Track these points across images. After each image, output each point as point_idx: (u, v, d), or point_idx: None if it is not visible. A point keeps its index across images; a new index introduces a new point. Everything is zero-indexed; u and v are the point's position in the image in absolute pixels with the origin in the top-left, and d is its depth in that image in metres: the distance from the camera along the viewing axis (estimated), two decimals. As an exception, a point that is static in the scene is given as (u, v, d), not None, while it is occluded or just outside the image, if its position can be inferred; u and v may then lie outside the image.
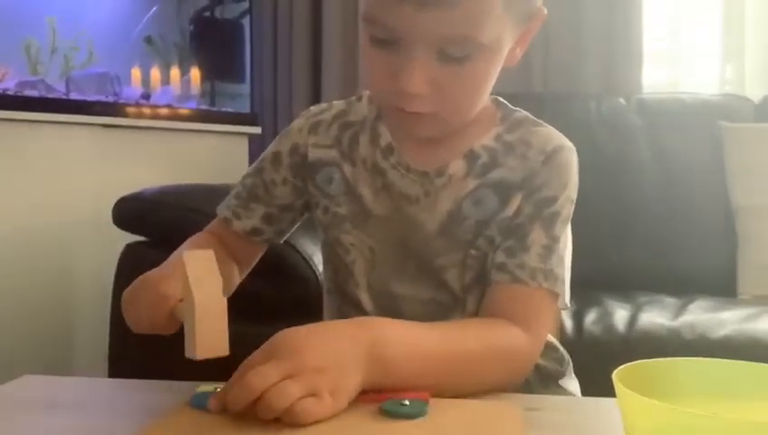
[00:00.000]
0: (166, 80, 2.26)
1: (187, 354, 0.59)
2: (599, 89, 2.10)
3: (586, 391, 0.88)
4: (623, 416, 0.52)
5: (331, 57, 2.31)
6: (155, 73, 2.24)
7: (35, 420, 0.62)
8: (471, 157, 0.78)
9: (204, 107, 2.31)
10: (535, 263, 0.74)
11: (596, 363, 0.98)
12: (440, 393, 0.63)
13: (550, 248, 0.75)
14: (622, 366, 0.56)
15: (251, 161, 2.29)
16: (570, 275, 0.83)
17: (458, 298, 0.79)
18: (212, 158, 2.18)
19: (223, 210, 0.86)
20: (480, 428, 0.57)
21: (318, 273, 1.35)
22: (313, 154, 0.83)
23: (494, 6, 0.66)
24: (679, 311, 1.37)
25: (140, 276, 0.69)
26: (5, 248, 1.76)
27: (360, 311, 0.81)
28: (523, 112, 0.82)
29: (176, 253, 0.81)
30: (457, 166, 0.78)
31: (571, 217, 0.78)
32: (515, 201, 0.76)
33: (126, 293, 0.69)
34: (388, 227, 0.79)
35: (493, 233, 0.77)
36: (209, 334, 0.57)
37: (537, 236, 0.75)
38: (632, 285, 1.65)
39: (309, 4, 2.34)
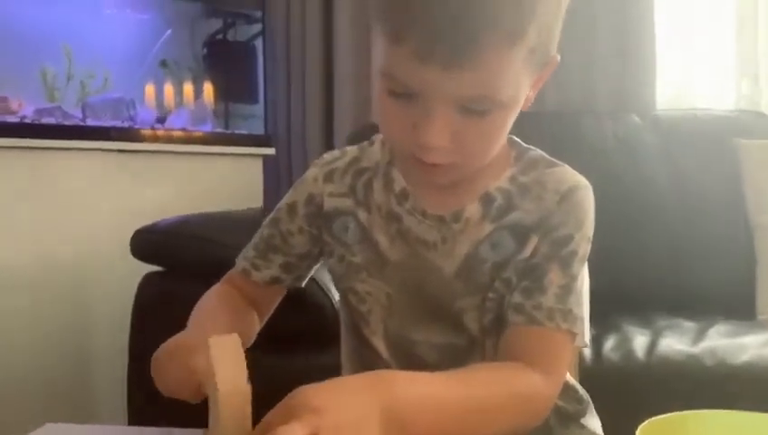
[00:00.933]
0: (180, 102, 2.28)
1: None
2: (612, 106, 2.10)
3: (606, 418, 0.87)
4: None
5: (343, 78, 2.32)
6: (169, 96, 2.26)
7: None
8: (486, 200, 0.78)
9: (218, 129, 2.33)
10: (552, 303, 0.74)
11: (616, 390, 0.99)
12: None
13: (567, 288, 0.75)
14: (646, 422, 0.55)
15: (266, 182, 2.32)
16: (588, 312, 0.83)
17: (476, 341, 0.79)
18: (227, 180, 2.20)
19: (241, 262, 0.87)
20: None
21: (334, 301, 1.35)
22: (329, 203, 0.84)
23: (514, 64, 0.67)
24: (699, 336, 1.37)
25: (169, 342, 0.70)
26: (23, 275, 1.77)
27: (376, 355, 0.82)
28: (537, 151, 0.82)
29: (199, 309, 0.82)
30: (473, 209, 0.78)
31: (587, 255, 0.78)
32: (532, 242, 0.76)
33: (155, 359, 0.70)
34: (405, 273, 0.80)
35: (510, 274, 0.77)
36: (232, 421, 0.58)
37: (554, 277, 0.75)
38: (650, 305, 1.65)
39: (321, 26, 2.35)
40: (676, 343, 1.33)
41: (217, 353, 0.59)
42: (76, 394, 1.85)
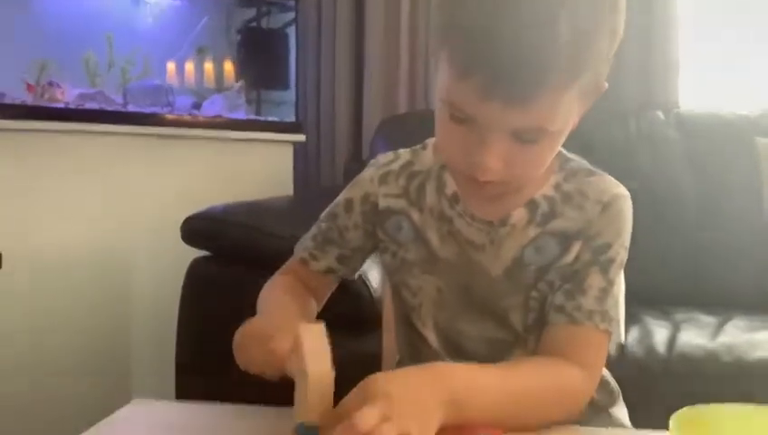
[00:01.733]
0: (215, 89, 2.35)
1: (297, 418, 0.67)
2: (636, 104, 2.15)
3: (629, 408, 0.95)
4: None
5: (373, 66, 2.38)
6: (208, 79, 2.32)
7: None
8: (532, 206, 0.84)
9: (251, 116, 2.40)
10: (592, 305, 0.80)
11: (637, 383, 1.06)
12: (505, 430, 0.71)
13: (606, 291, 0.81)
14: (679, 411, 0.62)
15: (296, 169, 2.39)
16: (624, 316, 0.89)
17: (520, 336, 0.86)
18: (258, 165, 2.26)
19: (300, 252, 0.94)
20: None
21: (372, 289, 1.43)
22: (383, 203, 0.90)
23: (568, 101, 0.73)
24: (716, 331, 1.43)
25: (250, 324, 0.77)
26: (67, 256, 1.84)
27: (427, 345, 0.89)
28: (577, 160, 0.88)
29: (268, 295, 0.89)
30: (519, 215, 0.84)
31: (625, 262, 0.84)
32: (575, 249, 0.83)
33: (237, 339, 0.77)
34: (455, 271, 0.87)
35: (553, 277, 0.83)
36: (317, 404, 0.65)
37: (594, 280, 0.81)
38: (669, 299, 1.71)
39: (352, 14, 2.41)
40: (695, 337, 1.41)
41: (307, 340, 0.67)
42: (121, 373, 1.93)
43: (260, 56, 2.49)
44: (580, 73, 0.72)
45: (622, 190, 0.85)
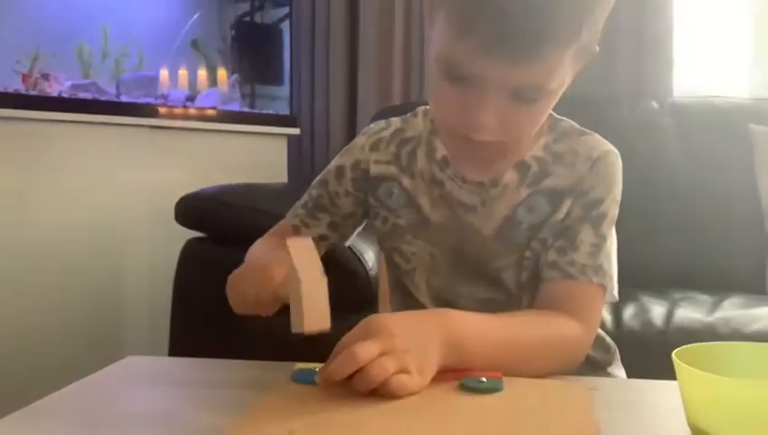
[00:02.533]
0: (209, 82, 2.35)
1: (294, 329, 0.67)
2: (631, 92, 2.16)
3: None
4: (684, 392, 0.58)
5: (366, 60, 2.39)
6: (199, 76, 2.32)
7: (150, 394, 0.69)
8: (522, 167, 0.85)
9: (245, 109, 2.40)
10: (585, 260, 0.80)
11: (635, 355, 1.05)
12: (505, 375, 0.70)
13: (598, 246, 0.81)
14: (679, 348, 0.62)
15: (290, 161, 2.38)
16: (617, 271, 0.89)
17: (513, 296, 0.86)
18: (253, 158, 2.27)
19: (292, 218, 0.94)
20: (553, 401, 0.64)
21: (368, 268, 1.42)
22: (374, 169, 0.90)
23: (566, 58, 0.73)
24: (713, 307, 1.43)
25: (246, 262, 0.78)
26: (61, 245, 1.84)
27: (422, 308, 0.88)
28: (568, 121, 0.88)
29: (257, 248, 0.89)
30: (510, 176, 0.84)
31: (616, 217, 0.84)
32: (565, 206, 0.83)
33: (232, 276, 0.77)
34: (446, 234, 0.87)
35: (545, 235, 0.83)
36: (314, 311, 0.65)
37: (586, 236, 0.81)
38: (665, 283, 1.71)
39: (346, 10, 2.42)
40: (692, 312, 1.41)
41: (296, 252, 0.67)
42: (116, 356, 1.92)
43: (254, 51, 2.50)
44: (581, 31, 0.72)
45: (611, 147, 0.85)
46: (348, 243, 0.99)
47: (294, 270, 0.66)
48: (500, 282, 0.85)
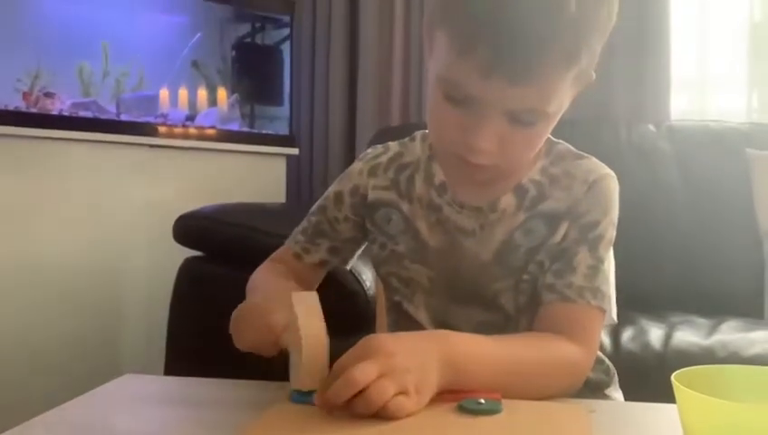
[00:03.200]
0: (209, 102, 2.36)
1: (293, 385, 0.67)
2: (628, 116, 2.17)
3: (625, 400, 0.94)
4: (683, 416, 0.58)
5: (366, 82, 2.40)
6: (199, 96, 2.33)
7: (146, 413, 0.69)
8: (520, 191, 0.85)
9: (244, 129, 2.41)
10: (582, 282, 0.80)
11: (634, 378, 1.05)
12: (505, 397, 0.69)
13: (595, 268, 0.81)
14: (678, 371, 0.62)
15: (288, 181, 2.39)
16: (614, 293, 0.89)
17: (512, 319, 0.86)
18: (251, 177, 2.27)
19: (292, 245, 0.94)
20: (551, 424, 0.64)
21: (366, 288, 1.42)
22: (372, 195, 0.91)
23: (565, 82, 0.73)
24: (711, 330, 1.43)
25: (247, 303, 0.77)
26: (59, 262, 1.85)
27: (420, 328, 0.88)
28: (564, 145, 0.89)
29: (259, 280, 0.89)
30: (508, 200, 0.85)
31: (613, 239, 0.84)
32: (563, 228, 0.83)
33: (235, 316, 0.76)
34: (444, 258, 0.87)
35: (542, 258, 0.83)
36: (314, 371, 0.65)
37: (583, 258, 0.81)
38: (663, 306, 1.70)
39: (346, 31, 2.44)
40: (690, 335, 1.40)
41: (299, 307, 0.67)
42: (112, 374, 1.91)
43: (254, 72, 2.51)
44: (581, 53, 0.72)
45: (608, 170, 0.86)
46: (349, 266, 0.98)
47: (296, 328, 0.65)
48: (498, 305, 0.85)
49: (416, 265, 0.88)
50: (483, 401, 0.66)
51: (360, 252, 0.97)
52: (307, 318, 0.66)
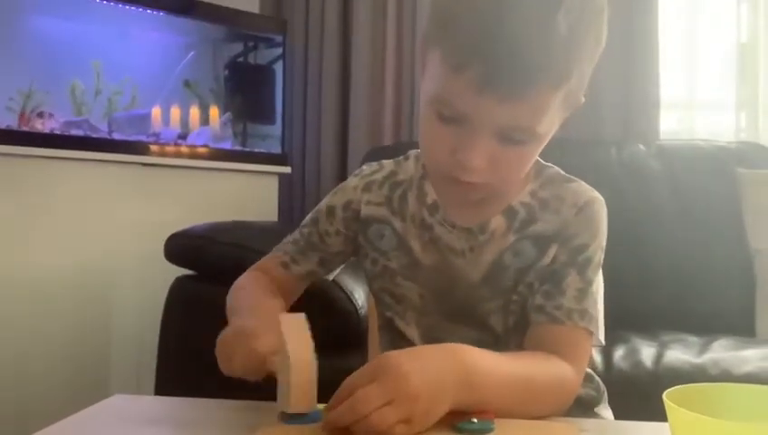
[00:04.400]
0: (201, 121, 2.36)
1: (280, 407, 0.67)
2: (618, 135, 2.18)
3: (616, 419, 0.94)
4: (675, 434, 0.58)
5: (358, 101, 2.41)
6: (191, 115, 2.34)
7: (135, 433, 0.68)
8: (510, 213, 0.85)
9: (237, 147, 2.41)
10: (571, 304, 0.81)
11: (626, 396, 1.05)
12: (506, 416, 0.69)
13: (584, 291, 0.82)
14: (670, 389, 0.62)
15: (280, 199, 2.39)
16: (603, 315, 0.89)
17: (500, 339, 0.86)
18: (243, 195, 2.27)
19: (280, 255, 0.94)
20: (544, 443, 0.64)
21: (358, 307, 1.42)
22: (366, 211, 0.91)
23: (555, 103, 0.75)
24: (703, 349, 1.43)
25: (231, 327, 0.76)
26: (51, 280, 1.84)
27: (411, 346, 0.86)
28: (554, 168, 0.90)
29: (241, 295, 0.88)
30: (498, 222, 0.85)
31: (602, 262, 0.85)
32: (552, 251, 0.84)
33: (220, 341, 0.75)
34: (436, 277, 0.87)
35: (532, 280, 0.84)
36: (301, 392, 0.65)
37: (572, 281, 0.82)
38: (655, 325, 1.71)
39: (339, 51, 2.45)
40: (682, 354, 1.41)
41: (287, 330, 0.67)
42: (102, 394, 1.89)
43: (247, 91, 2.52)
44: (572, 73, 0.74)
45: (597, 195, 0.87)
46: (331, 277, 0.99)
47: (285, 351, 0.65)
48: (488, 325, 0.86)
49: (407, 283, 0.88)
50: (475, 420, 0.66)
51: (343, 266, 0.97)
52: (296, 342, 0.66)
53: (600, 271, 0.86)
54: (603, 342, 0.87)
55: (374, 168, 0.94)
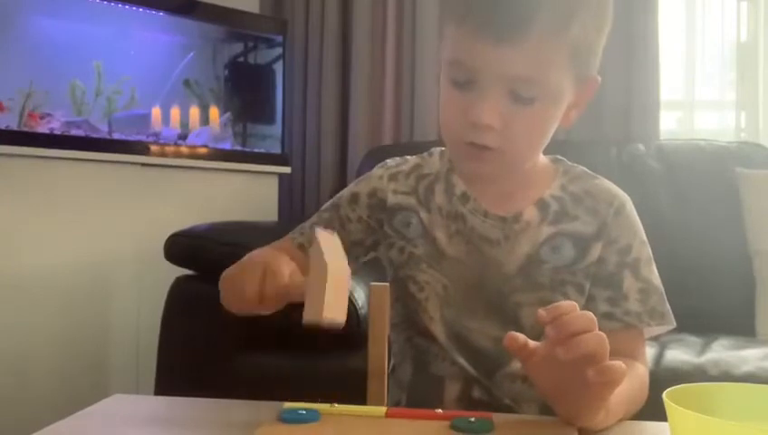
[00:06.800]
0: (201, 121, 2.36)
1: (309, 318, 0.65)
2: (618, 135, 2.18)
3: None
4: (675, 434, 0.58)
5: (358, 100, 2.41)
6: (191, 115, 2.34)
7: (135, 433, 0.68)
8: (542, 205, 0.87)
9: (237, 148, 2.41)
10: (637, 307, 0.84)
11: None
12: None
13: (644, 291, 0.85)
14: (670, 389, 0.62)
15: (281, 199, 2.39)
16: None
17: (528, 336, 0.85)
18: (243, 196, 2.27)
19: (297, 236, 0.94)
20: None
21: (358, 307, 1.41)
22: (392, 199, 0.92)
23: (560, 53, 0.77)
24: (703, 349, 1.43)
25: (246, 259, 0.77)
26: (51, 281, 1.84)
27: (432, 340, 0.88)
28: (579, 166, 0.92)
29: (256, 252, 0.87)
30: (531, 213, 0.86)
31: (651, 256, 0.88)
32: (595, 250, 0.85)
33: (230, 271, 0.76)
34: (462, 268, 0.87)
35: (580, 280, 0.85)
36: (335, 300, 0.65)
37: (630, 284, 0.85)
38: (654, 325, 1.71)
39: (338, 51, 2.45)
40: (682, 354, 1.41)
41: (324, 241, 0.67)
42: (102, 393, 1.90)
43: (247, 90, 2.52)
44: (570, 21, 0.76)
45: (623, 193, 0.91)
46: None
47: (321, 254, 0.65)
48: (516, 319, 0.86)
49: (432, 271, 0.88)
50: (473, 419, 0.66)
51: (360, 262, 0.96)
52: (332, 253, 0.66)
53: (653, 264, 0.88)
54: (674, 323, 0.88)
55: (398, 161, 0.95)
